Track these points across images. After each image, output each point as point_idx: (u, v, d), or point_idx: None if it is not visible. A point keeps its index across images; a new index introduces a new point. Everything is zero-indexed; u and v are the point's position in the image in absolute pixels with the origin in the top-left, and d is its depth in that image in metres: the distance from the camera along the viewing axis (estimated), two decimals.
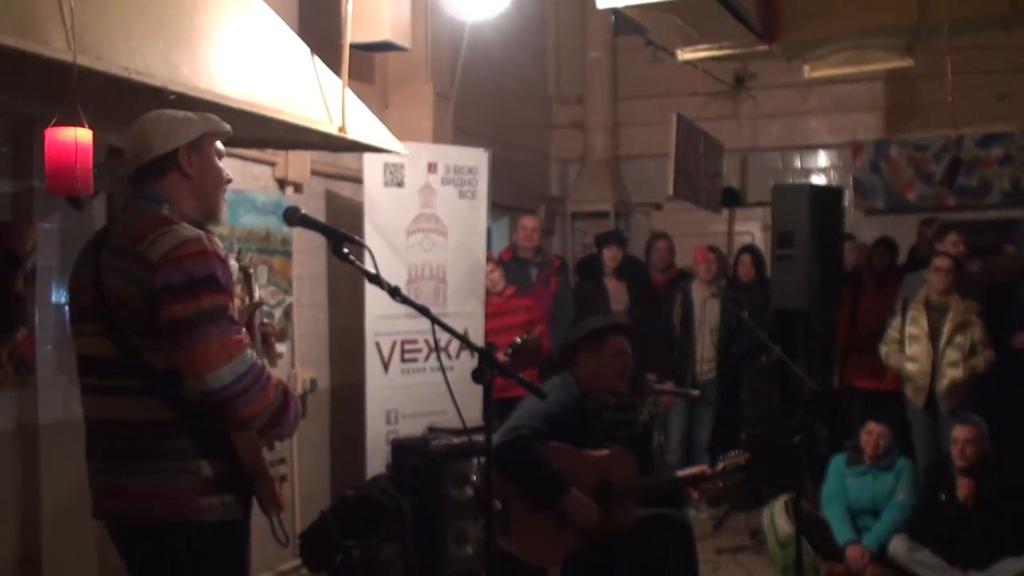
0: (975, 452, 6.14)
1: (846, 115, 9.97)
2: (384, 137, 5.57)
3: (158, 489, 2.84)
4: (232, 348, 2.74)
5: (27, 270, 4.85)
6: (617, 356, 4.55)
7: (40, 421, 4.91)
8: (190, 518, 2.85)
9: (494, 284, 7.32)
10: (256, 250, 6.32)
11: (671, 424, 8.02)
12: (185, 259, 2.78)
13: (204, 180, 3.05)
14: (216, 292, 2.79)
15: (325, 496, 6.99)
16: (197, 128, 3.03)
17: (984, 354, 6.78)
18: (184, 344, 2.73)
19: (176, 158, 2.98)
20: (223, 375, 2.72)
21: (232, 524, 2.94)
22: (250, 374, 2.77)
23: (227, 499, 2.90)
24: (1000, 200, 9.16)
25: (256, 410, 2.81)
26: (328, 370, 7.09)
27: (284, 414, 2.91)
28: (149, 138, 2.98)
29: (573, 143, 10.92)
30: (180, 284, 2.75)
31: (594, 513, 4.20)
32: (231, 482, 2.90)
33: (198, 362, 2.72)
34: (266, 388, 2.82)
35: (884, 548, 6.28)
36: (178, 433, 2.84)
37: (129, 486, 2.87)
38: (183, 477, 2.84)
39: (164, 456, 2.84)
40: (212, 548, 2.91)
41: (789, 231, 7.26)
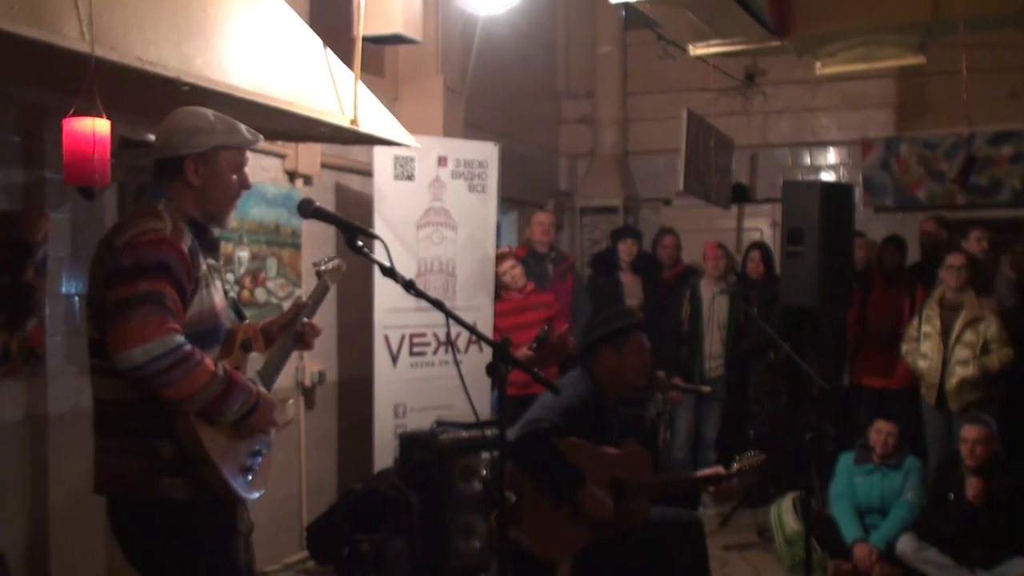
0: (985, 452, 6.12)
1: (856, 112, 9.93)
2: (396, 130, 5.56)
3: (125, 466, 2.97)
4: (150, 331, 2.80)
5: (37, 260, 4.85)
6: (638, 353, 4.55)
7: (49, 411, 4.93)
8: (154, 495, 2.95)
9: (515, 280, 7.22)
10: (265, 242, 6.32)
11: (678, 421, 8.00)
12: (139, 245, 2.90)
13: (209, 190, 3.13)
14: (157, 279, 2.87)
15: (332, 489, 7.00)
16: (213, 139, 3.11)
17: (1000, 352, 6.74)
18: (110, 324, 2.85)
19: (182, 166, 3.08)
20: (135, 355, 2.78)
21: (195, 505, 3.00)
22: (168, 357, 2.81)
23: (186, 480, 2.97)
24: (1011, 199, 9.11)
25: (182, 393, 2.86)
26: (336, 363, 7.09)
27: (225, 401, 2.94)
28: (169, 137, 3.10)
29: (582, 138, 10.89)
30: (127, 268, 2.87)
31: (608, 509, 4.19)
32: (187, 464, 2.97)
33: (115, 341, 2.82)
34: (192, 372, 2.85)
35: (892, 547, 6.26)
36: (142, 412, 2.94)
37: (105, 462, 3.03)
38: (146, 456, 2.95)
39: (131, 434, 2.97)
40: (179, 527, 2.99)
41: (799, 228, 7.23)
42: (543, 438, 4.09)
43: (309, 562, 6.50)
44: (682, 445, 8.02)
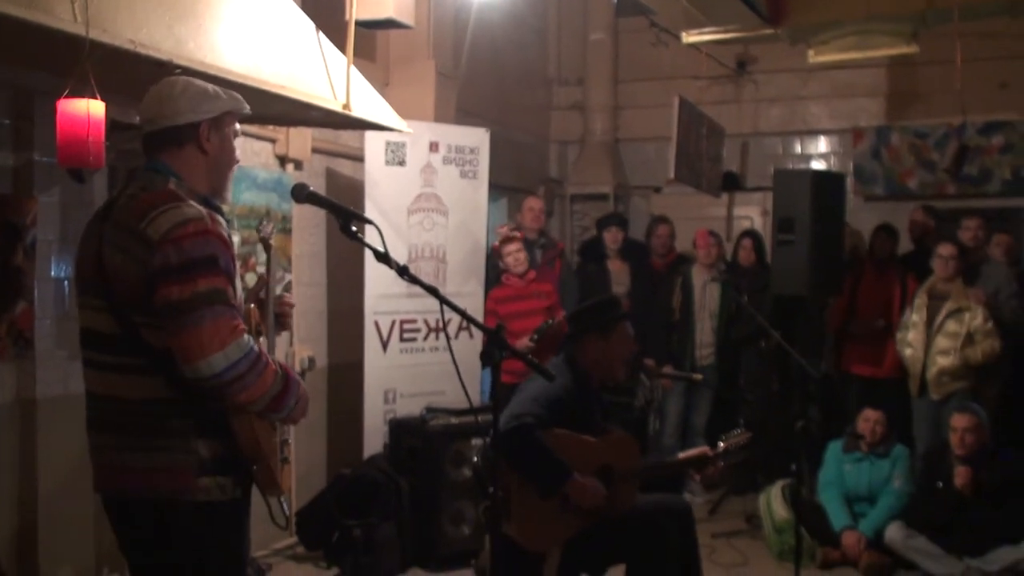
0: (974, 441, 6.15)
1: (847, 101, 9.93)
2: (388, 115, 5.54)
3: (156, 466, 2.82)
4: (226, 334, 2.69)
5: (27, 243, 4.83)
6: (624, 343, 4.54)
7: (38, 395, 4.90)
8: (187, 497, 2.83)
9: (517, 263, 7.12)
10: (256, 228, 6.27)
11: (669, 408, 8.01)
12: (184, 239, 2.73)
13: (219, 158, 3.01)
14: (213, 275, 2.74)
15: (322, 475, 6.99)
16: (221, 105, 3.00)
17: (984, 344, 6.74)
18: (177, 328, 2.69)
19: (197, 131, 2.95)
20: (215, 362, 2.68)
21: (229, 505, 2.92)
22: (245, 361, 2.72)
23: (224, 480, 2.88)
24: (1001, 189, 9.14)
25: (253, 396, 2.78)
26: (326, 348, 7.08)
27: (284, 399, 2.87)
28: (174, 104, 2.93)
29: (573, 125, 10.87)
30: (177, 265, 2.71)
31: (600, 493, 4.19)
32: (229, 464, 2.89)
33: (191, 348, 2.68)
34: (263, 374, 2.78)
35: (880, 534, 6.29)
36: (177, 412, 2.82)
37: (127, 462, 2.85)
38: (181, 456, 2.82)
39: (163, 434, 2.82)
40: (208, 528, 2.89)
41: (790, 217, 7.23)
42: (527, 433, 4.07)
43: (298, 547, 6.50)
44: (672, 433, 8.02)
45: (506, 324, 5.15)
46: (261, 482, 2.95)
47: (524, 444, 4.06)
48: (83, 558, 5.17)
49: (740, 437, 4.51)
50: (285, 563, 6.32)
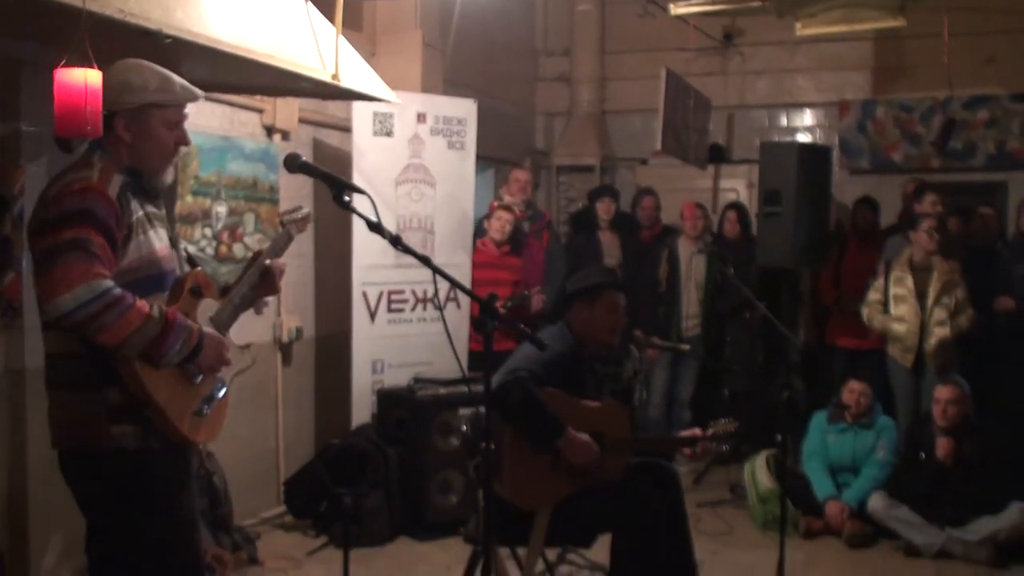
0: (957, 412, 6.22)
1: (834, 74, 9.93)
2: (377, 86, 5.52)
3: (74, 417, 2.97)
4: (75, 276, 2.77)
5: (15, 213, 4.81)
6: (610, 312, 4.56)
7: (27, 365, 4.89)
8: (103, 445, 2.95)
9: (501, 231, 7.29)
10: (243, 198, 6.29)
11: (654, 379, 8.05)
12: (66, 196, 2.89)
13: (142, 147, 3.11)
14: (82, 226, 2.84)
15: (310, 445, 7.01)
16: (142, 97, 3.08)
17: (967, 313, 6.85)
18: (36, 275, 2.85)
19: (112, 122, 3.07)
20: (62, 303, 2.76)
21: (144, 453, 3.00)
22: (97, 302, 2.78)
23: (135, 428, 2.98)
24: (985, 163, 9.17)
25: (117, 337, 2.83)
26: (314, 319, 7.09)
27: (164, 343, 2.91)
28: (105, 90, 3.06)
29: (559, 96, 10.85)
30: (52, 219, 2.86)
31: (593, 450, 4.22)
32: (137, 411, 2.98)
33: (42, 289, 2.81)
34: (124, 315, 2.82)
35: (863, 504, 6.36)
36: (87, 363, 2.94)
37: (57, 416, 3.03)
38: (94, 405, 2.95)
39: (77, 386, 2.97)
40: (131, 475, 2.99)
41: (776, 189, 7.28)
42: (523, 386, 4.10)
43: (286, 516, 6.53)
44: (657, 404, 8.07)
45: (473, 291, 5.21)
46: (160, 431, 3.01)
47: (519, 397, 4.09)
48: (73, 527, 5.14)
49: (727, 426, 4.54)
50: (273, 532, 6.36)
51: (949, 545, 6.00)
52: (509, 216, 7.29)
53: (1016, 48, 8.98)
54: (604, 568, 5.06)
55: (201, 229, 5.97)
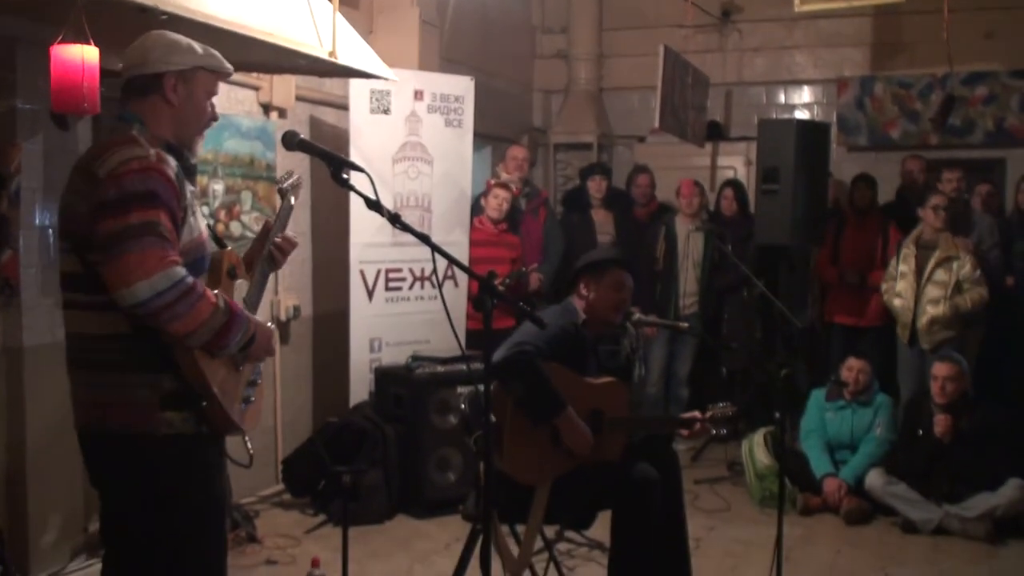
0: (955, 389, 6.22)
1: (832, 50, 9.89)
2: (374, 63, 5.50)
3: (122, 400, 2.89)
4: (152, 264, 2.73)
5: (11, 191, 4.79)
6: (615, 289, 4.55)
7: (24, 343, 4.90)
8: (150, 430, 2.89)
9: (499, 209, 7.30)
10: (240, 176, 6.27)
11: (652, 357, 8.05)
12: (125, 175, 2.79)
13: (185, 112, 3.05)
14: (149, 208, 2.78)
15: (308, 423, 7.02)
16: (193, 59, 3.03)
17: (972, 292, 6.80)
18: (108, 259, 2.76)
19: (161, 82, 2.99)
20: (138, 290, 2.71)
21: (195, 440, 2.97)
22: (173, 291, 2.74)
23: (186, 415, 2.93)
24: (983, 140, 9.15)
25: (188, 327, 2.80)
26: (311, 298, 7.08)
27: (227, 334, 2.90)
28: (145, 55, 2.99)
29: (557, 74, 10.80)
30: (114, 200, 2.77)
31: (587, 439, 4.23)
32: (188, 398, 2.93)
33: (116, 276, 2.74)
34: (196, 306, 2.79)
35: (860, 481, 6.39)
36: (138, 346, 2.87)
37: (98, 398, 2.93)
38: (143, 390, 2.88)
39: (126, 369, 2.89)
40: (176, 461, 2.94)
41: (774, 166, 7.26)
42: (527, 359, 4.10)
43: (285, 495, 6.54)
44: (655, 381, 8.08)
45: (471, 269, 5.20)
46: (211, 419, 2.98)
47: (522, 369, 4.09)
48: (72, 505, 5.19)
49: (726, 410, 4.54)
50: (272, 510, 6.37)
51: (946, 521, 6.02)
52: (506, 194, 7.29)
53: (1015, 24, 8.95)
54: (603, 545, 5.08)
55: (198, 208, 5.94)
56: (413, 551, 5.68)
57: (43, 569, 5.00)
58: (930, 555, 5.76)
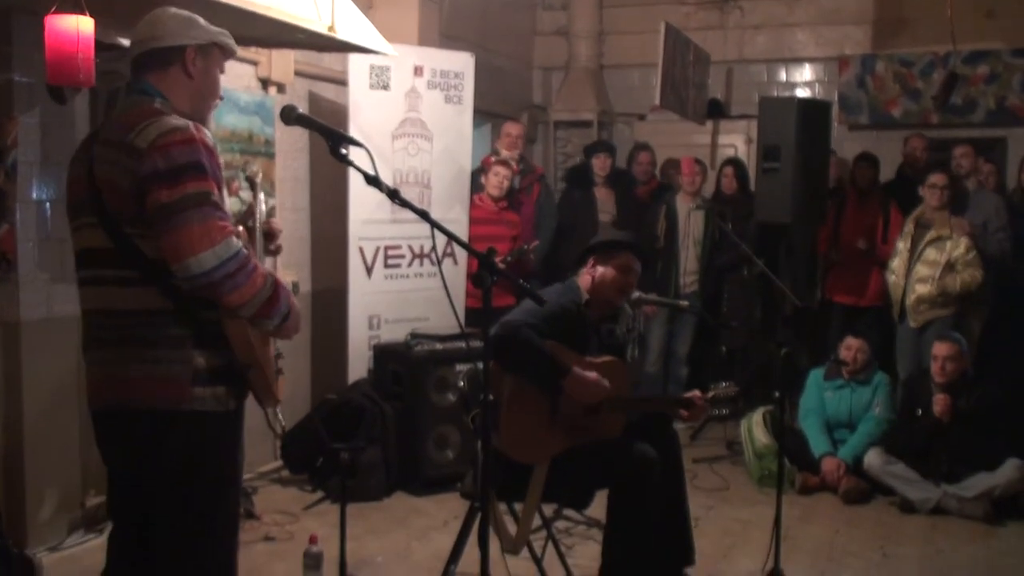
0: (954, 369, 6.21)
1: (833, 28, 9.84)
2: (374, 38, 5.46)
3: (152, 377, 2.87)
4: (215, 233, 2.74)
5: (8, 165, 4.77)
6: (622, 272, 4.53)
7: (22, 318, 4.89)
8: (183, 407, 2.88)
9: (499, 186, 7.27)
10: (239, 151, 6.24)
11: (652, 336, 8.05)
12: (171, 146, 2.77)
13: (203, 85, 3.06)
14: (200, 178, 2.78)
15: (306, 400, 7.01)
16: (209, 35, 3.06)
17: (964, 273, 6.78)
18: (168, 229, 2.74)
19: (183, 54, 3.00)
20: (205, 260, 2.72)
21: (225, 416, 2.97)
22: (234, 261, 2.76)
23: (220, 390, 2.93)
24: (985, 118, 9.12)
25: (244, 297, 2.81)
26: (310, 274, 7.06)
27: (275, 305, 2.91)
28: (164, 27, 3.00)
29: (557, 51, 10.74)
30: (166, 170, 2.75)
31: (601, 385, 4.21)
32: (224, 374, 2.93)
33: (180, 246, 2.72)
34: (252, 276, 2.82)
35: (859, 461, 6.38)
36: (172, 322, 2.86)
37: (125, 374, 2.90)
38: (177, 366, 2.87)
39: (158, 345, 2.87)
40: (204, 438, 2.93)
41: (775, 144, 7.22)
42: (524, 334, 4.08)
43: (283, 471, 6.54)
44: (654, 360, 8.08)
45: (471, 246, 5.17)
46: (257, 389, 3.01)
47: (520, 343, 4.07)
48: (69, 481, 5.19)
49: (728, 389, 4.52)
50: (270, 486, 6.36)
51: (945, 501, 6.02)
52: (507, 171, 7.25)
53: (1017, 2, 8.89)
54: (600, 524, 5.07)
55: None
56: (411, 528, 5.68)
57: (41, 543, 5.00)
58: (928, 535, 5.76)
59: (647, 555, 4.25)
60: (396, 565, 5.13)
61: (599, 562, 4.41)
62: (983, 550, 5.55)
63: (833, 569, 5.19)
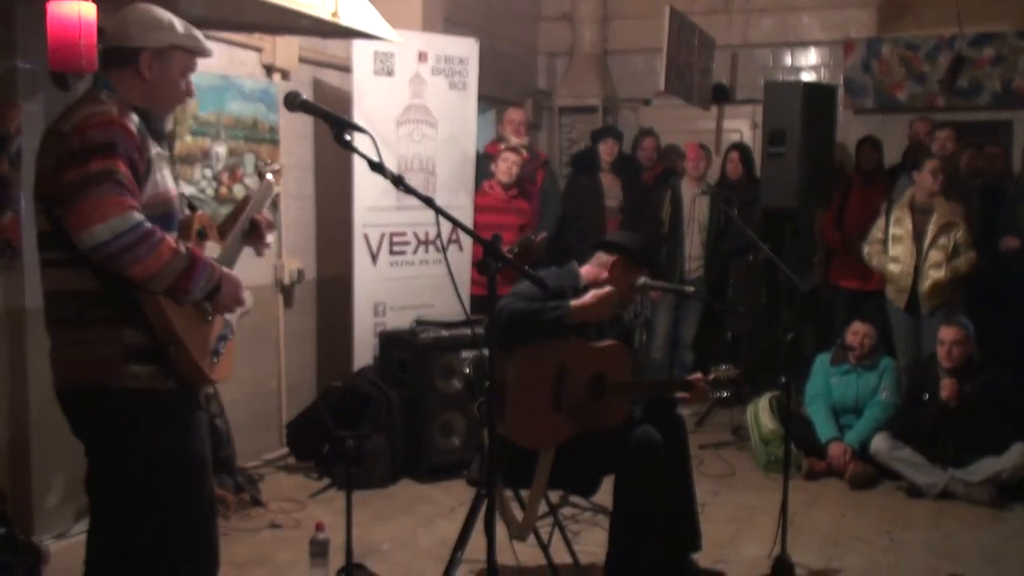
0: (961, 353, 6.20)
1: (839, 12, 9.80)
2: (378, 24, 5.44)
3: (86, 357, 2.97)
4: (109, 207, 2.79)
5: (12, 152, 4.76)
6: (630, 289, 4.53)
7: (27, 305, 4.88)
8: (116, 385, 2.96)
9: (508, 173, 7.25)
10: (243, 138, 6.22)
11: (657, 321, 8.04)
12: (88, 128, 2.87)
13: (158, 89, 3.12)
14: (108, 158, 2.85)
15: (311, 387, 7.01)
16: (171, 38, 3.10)
17: (966, 255, 6.84)
18: (69, 206, 2.82)
19: (138, 57, 3.06)
20: (97, 232, 2.77)
21: (159, 394, 3.01)
22: (132, 233, 2.80)
23: (151, 368, 2.99)
24: (991, 101, 9.08)
25: (150, 269, 2.86)
26: (315, 261, 7.05)
27: (191, 277, 2.95)
28: (125, 26, 3.07)
29: (561, 36, 10.71)
30: (77, 150, 2.85)
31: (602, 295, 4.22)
32: (154, 352, 2.98)
33: (75, 220, 2.80)
34: (157, 248, 2.85)
35: (865, 446, 6.37)
36: (102, 302, 2.95)
37: (66, 355, 3.02)
38: (108, 345, 2.95)
39: (91, 324, 2.96)
40: (142, 416, 3.00)
41: (781, 129, 7.22)
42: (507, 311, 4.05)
43: (289, 458, 6.54)
44: (660, 346, 8.07)
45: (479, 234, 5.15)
46: (181, 368, 3.03)
47: (510, 320, 4.04)
48: (75, 468, 5.13)
49: (729, 372, 4.51)
50: (276, 474, 6.36)
51: (951, 486, 6.01)
52: (516, 157, 7.22)
53: None
54: (607, 510, 5.07)
55: (201, 170, 5.92)
56: (417, 515, 5.68)
57: (47, 531, 5.01)
58: (935, 519, 5.75)
59: (653, 540, 4.25)
60: (402, 552, 5.13)
61: (606, 548, 4.40)
62: (990, 534, 5.54)
63: (840, 554, 5.18)
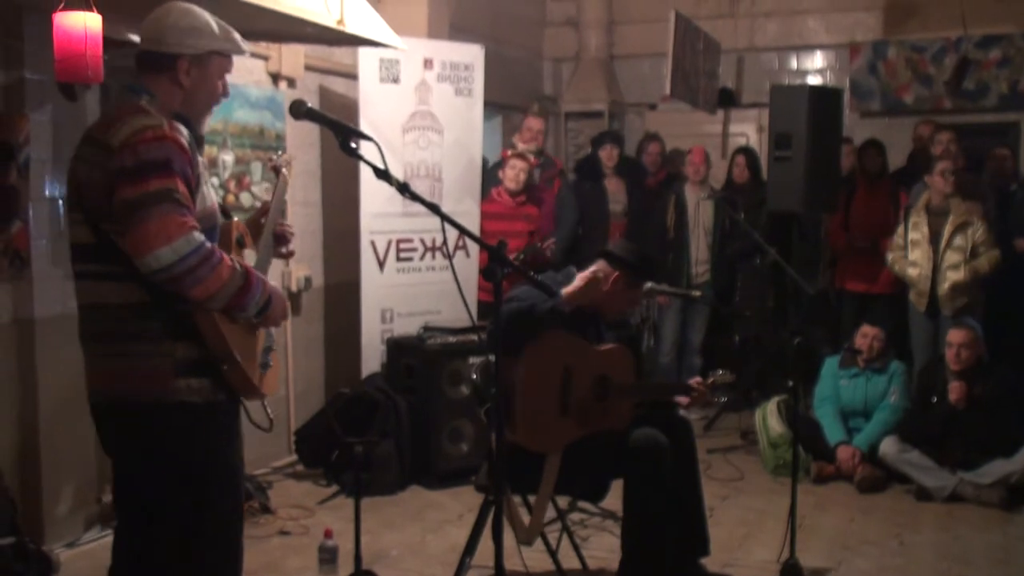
0: (970, 356, 6.19)
1: (844, 15, 9.82)
2: (383, 31, 5.47)
3: (134, 370, 2.93)
4: (173, 229, 2.76)
5: (20, 163, 4.78)
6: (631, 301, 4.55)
7: (36, 315, 4.91)
8: (165, 399, 2.93)
9: (516, 180, 7.23)
10: (250, 146, 6.24)
11: (665, 326, 8.04)
12: (140, 144, 2.82)
13: (196, 94, 3.08)
14: (165, 176, 2.81)
15: (319, 394, 7.02)
16: (209, 43, 3.05)
17: (988, 255, 6.83)
18: (129, 226, 2.79)
19: (175, 64, 3.02)
20: (162, 256, 2.75)
21: (210, 408, 3.00)
22: (195, 255, 2.79)
23: (201, 382, 2.97)
24: (998, 103, 9.08)
25: (209, 291, 2.85)
26: (322, 268, 7.06)
27: (246, 296, 2.94)
28: (162, 31, 3.01)
29: (567, 41, 10.73)
30: (132, 167, 2.80)
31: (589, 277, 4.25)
32: (204, 366, 2.97)
33: (138, 243, 2.77)
34: (216, 269, 2.84)
35: (874, 449, 6.35)
36: (151, 315, 2.91)
37: (111, 367, 2.97)
38: (157, 359, 2.92)
39: (139, 338, 2.92)
40: (189, 430, 2.98)
41: (787, 133, 7.20)
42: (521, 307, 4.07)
43: (298, 466, 6.55)
44: (668, 351, 8.08)
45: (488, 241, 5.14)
46: (234, 383, 3.02)
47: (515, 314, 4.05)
48: (85, 477, 5.21)
49: (724, 377, 4.54)
50: (285, 481, 6.37)
51: (961, 488, 5.99)
52: (523, 164, 7.22)
53: None
54: (615, 515, 5.07)
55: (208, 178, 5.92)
56: (426, 522, 5.69)
57: (57, 539, 5.02)
58: (944, 522, 5.74)
59: (661, 544, 4.25)
60: (411, 558, 5.13)
61: (617, 554, 4.41)
62: (1000, 537, 5.53)
63: (849, 558, 5.17)
